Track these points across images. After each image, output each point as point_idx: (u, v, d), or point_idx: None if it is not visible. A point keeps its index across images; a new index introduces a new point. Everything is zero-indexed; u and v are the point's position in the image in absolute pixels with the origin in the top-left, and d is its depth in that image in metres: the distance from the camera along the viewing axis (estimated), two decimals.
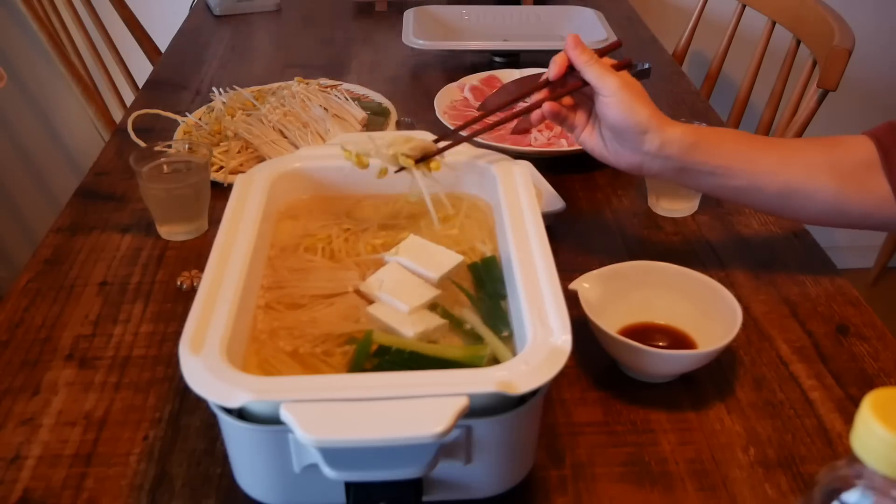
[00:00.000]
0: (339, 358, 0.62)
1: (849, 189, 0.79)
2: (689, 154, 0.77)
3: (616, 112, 0.76)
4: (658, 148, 0.77)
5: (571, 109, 0.81)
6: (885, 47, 2.03)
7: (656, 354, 0.70)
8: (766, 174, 0.79)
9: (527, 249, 0.65)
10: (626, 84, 0.76)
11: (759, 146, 0.80)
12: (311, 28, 1.61)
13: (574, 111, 0.82)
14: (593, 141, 0.81)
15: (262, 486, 0.58)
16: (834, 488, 0.39)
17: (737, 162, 0.78)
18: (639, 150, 0.78)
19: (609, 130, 0.79)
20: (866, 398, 0.36)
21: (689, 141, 0.77)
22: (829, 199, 0.79)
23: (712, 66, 1.61)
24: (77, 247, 0.93)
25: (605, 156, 0.81)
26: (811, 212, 0.81)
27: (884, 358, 0.77)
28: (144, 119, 1.14)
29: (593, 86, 0.77)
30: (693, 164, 0.78)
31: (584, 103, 0.81)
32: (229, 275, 0.63)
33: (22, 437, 0.68)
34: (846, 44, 1.25)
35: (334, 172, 0.80)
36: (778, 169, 0.79)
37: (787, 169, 0.79)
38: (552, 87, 0.81)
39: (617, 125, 0.77)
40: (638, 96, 0.76)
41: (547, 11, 1.57)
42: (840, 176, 0.79)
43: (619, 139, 0.78)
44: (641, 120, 0.76)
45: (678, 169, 0.79)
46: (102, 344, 0.78)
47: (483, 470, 0.57)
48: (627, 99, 0.75)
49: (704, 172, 0.79)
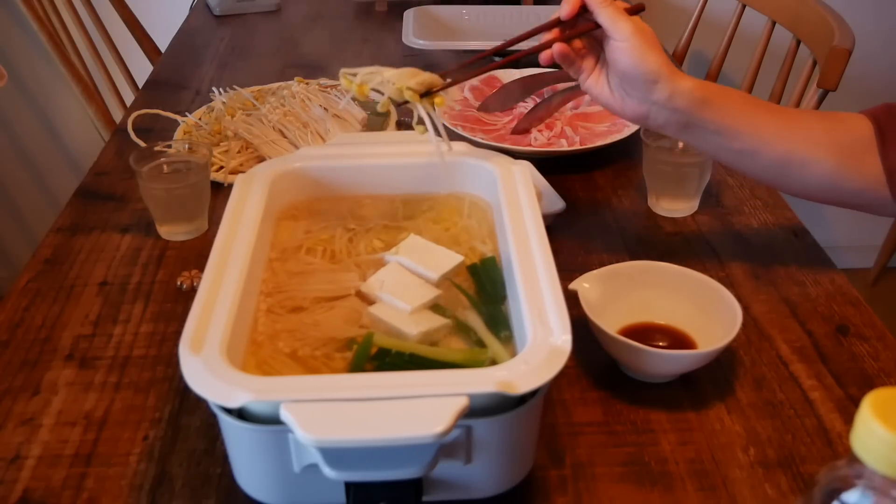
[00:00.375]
0: (339, 362, 0.62)
1: (846, 165, 0.78)
2: (697, 109, 0.76)
3: (627, 58, 0.74)
4: (667, 98, 0.75)
5: (580, 53, 0.78)
6: (885, 47, 2.03)
7: (656, 354, 0.70)
8: (768, 140, 0.78)
9: (527, 249, 0.65)
10: (640, 30, 0.74)
11: (764, 111, 0.79)
12: (310, 28, 1.60)
13: (582, 55, 0.79)
14: (599, 87, 0.79)
15: (262, 486, 0.58)
16: (834, 488, 0.39)
17: (742, 124, 0.77)
18: (647, 100, 0.76)
19: (618, 77, 0.77)
20: (866, 398, 0.36)
21: (699, 95, 0.76)
22: (826, 172, 0.79)
23: (712, 66, 1.61)
24: (77, 247, 0.93)
25: (610, 103, 0.79)
26: (807, 184, 0.80)
27: (884, 358, 0.77)
28: (144, 119, 1.14)
29: (605, 29, 0.75)
30: (699, 121, 0.77)
31: (594, 47, 0.78)
32: (229, 275, 0.63)
33: (22, 437, 0.68)
34: (846, 44, 1.25)
35: (334, 172, 0.80)
36: (781, 136, 0.78)
37: (789, 137, 0.78)
38: (563, 27, 0.78)
39: (627, 72, 0.75)
40: (651, 43, 0.74)
41: (547, 11, 1.57)
42: (839, 151, 0.78)
43: (628, 87, 0.76)
44: (653, 68, 0.74)
45: (683, 124, 0.77)
46: (102, 344, 0.78)
47: (483, 470, 0.57)
48: (640, 45, 0.73)
49: (709, 131, 0.77)
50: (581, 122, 1.16)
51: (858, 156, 0.79)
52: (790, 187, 0.83)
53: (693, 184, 0.96)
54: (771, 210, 0.99)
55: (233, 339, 0.57)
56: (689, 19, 1.67)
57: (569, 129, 1.13)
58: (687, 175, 0.95)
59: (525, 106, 1.19)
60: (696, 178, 0.96)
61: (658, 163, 0.96)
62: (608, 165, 1.08)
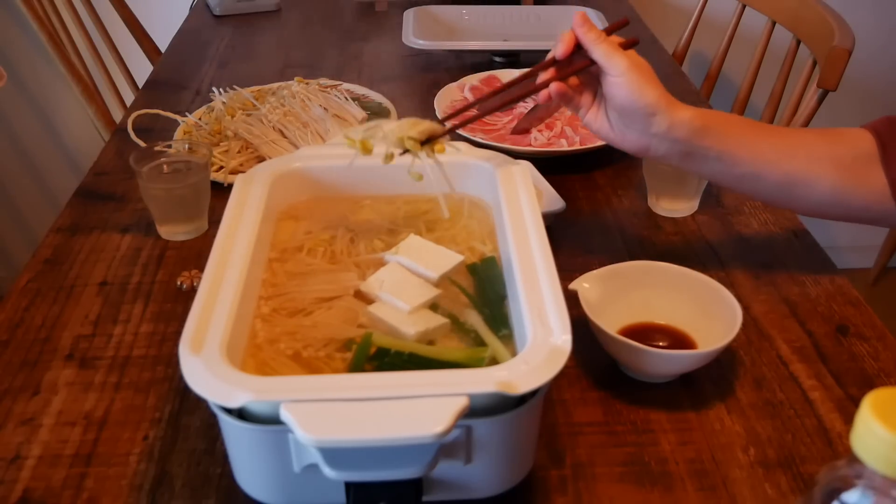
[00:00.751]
0: (339, 362, 0.62)
1: (849, 181, 0.78)
2: (696, 138, 0.76)
3: (625, 93, 0.74)
4: (666, 130, 0.75)
5: (577, 90, 0.79)
6: (885, 47, 2.03)
7: (656, 354, 0.70)
8: (768, 163, 0.78)
9: (527, 249, 0.65)
10: (635, 64, 0.75)
11: (763, 134, 0.80)
12: (311, 28, 1.61)
13: (580, 91, 0.79)
14: (599, 122, 0.79)
15: (262, 486, 0.58)
16: (834, 488, 0.39)
17: (742, 149, 0.78)
18: (646, 133, 0.76)
19: (616, 111, 0.77)
20: (866, 398, 0.36)
21: (698, 125, 0.76)
22: (830, 190, 0.79)
23: (712, 66, 1.61)
24: (77, 247, 0.93)
25: (610, 137, 0.79)
26: (812, 203, 0.81)
27: (884, 358, 0.77)
28: (144, 119, 1.14)
29: (601, 65, 0.75)
30: (700, 149, 0.77)
31: (591, 83, 0.79)
32: (229, 275, 0.63)
33: (22, 437, 0.68)
34: (846, 44, 1.25)
35: (334, 172, 0.80)
36: (780, 158, 0.79)
37: (789, 159, 0.79)
38: (559, 66, 0.78)
39: (625, 107, 0.75)
40: (647, 77, 0.75)
41: (547, 11, 1.57)
42: (841, 168, 0.78)
43: (627, 121, 0.77)
44: (650, 102, 0.74)
45: (685, 153, 0.78)
46: (102, 344, 0.78)
47: (483, 470, 0.57)
48: (636, 80, 0.74)
49: (710, 158, 0.78)
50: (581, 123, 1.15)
51: (862, 171, 0.78)
52: (797, 207, 0.84)
53: (693, 184, 0.96)
54: (771, 210, 0.99)
55: (233, 339, 0.57)
56: (689, 19, 1.67)
57: (569, 129, 1.13)
58: (687, 175, 0.95)
59: (525, 106, 1.19)
60: (696, 178, 0.96)
61: (658, 163, 0.96)
62: (608, 165, 1.08)
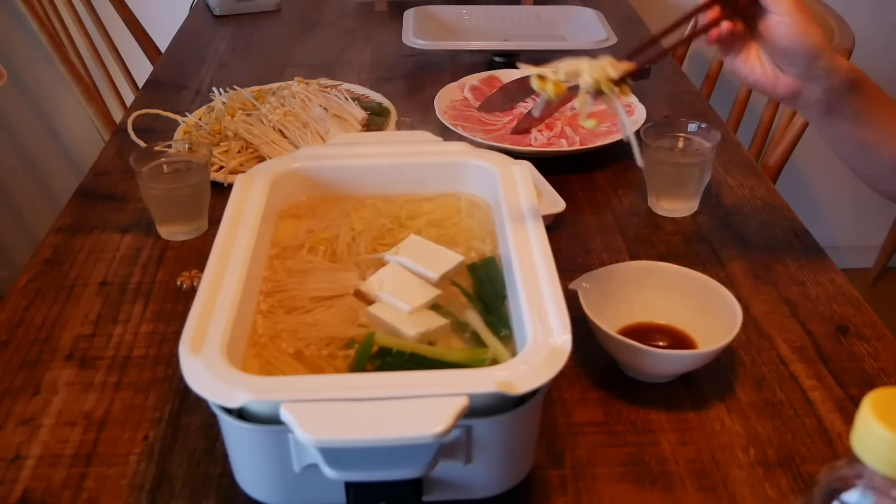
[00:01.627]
0: (340, 361, 0.62)
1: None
2: (846, 90, 0.76)
3: (791, 33, 0.73)
4: (826, 74, 0.74)
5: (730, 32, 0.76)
6: (885, 47, 2.03)
7: (656, 354, 0.70)
8: (892, 136, 0.78)
9: (527, 249, 0.65)
10: (799, 5, 0.73)
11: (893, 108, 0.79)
12: (311, 28, 1.61)
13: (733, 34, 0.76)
14: (749, 65, 0.77)
15: (262, 486, 0.58)
16: (834, 488, 0.39)
17: (875, 113, 0.77)
18: (805, 75, 0.75)
19: (777, 53, 0.75)
20: (866, 398, 0.36)
21: (854, 76, 0.76)
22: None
23: (712, 67, 1.61)
24: (77, 247, 0.93)
25: (762, 82, 0.77)
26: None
27: (884, 358, 0.77)
28: (144, 119, 1.14)
29: (765, 5, 0.73)
30: (843, 104, 0.76)
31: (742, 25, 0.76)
32: (229, 275, 0.63)
33: (22, 437, 0.68)
34: (846, 44, 1.25)
35: (334, 172, 0.80)
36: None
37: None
38: (723, 5, 0.75)
39: (790, 47, 0.74)
40: (811, 18, 0.73)
41: (547, 11, 1.57)
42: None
43: (786, 63, 0.75)
44: (816, 43, 0.73)
45: (829, 105, 0.76)
46: (102, 344, 0.78)
47: (483, 470, 0.57)
48: (802, 20, 0.72)
49: (846, 116, 0.77)
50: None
51: None
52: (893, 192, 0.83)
53: (693, 184, 0.96)
54: (771, 210, 0.99)
55: (233, 339, 0.57)
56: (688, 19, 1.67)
57: (569, 129, 1.13)
58: (687, 175, 0.95)
59: (525, 106, 1.19)
60: (696, 178, 0.96)
61: (658, 163, 0.96)
62: (608, 165, 1.08)
